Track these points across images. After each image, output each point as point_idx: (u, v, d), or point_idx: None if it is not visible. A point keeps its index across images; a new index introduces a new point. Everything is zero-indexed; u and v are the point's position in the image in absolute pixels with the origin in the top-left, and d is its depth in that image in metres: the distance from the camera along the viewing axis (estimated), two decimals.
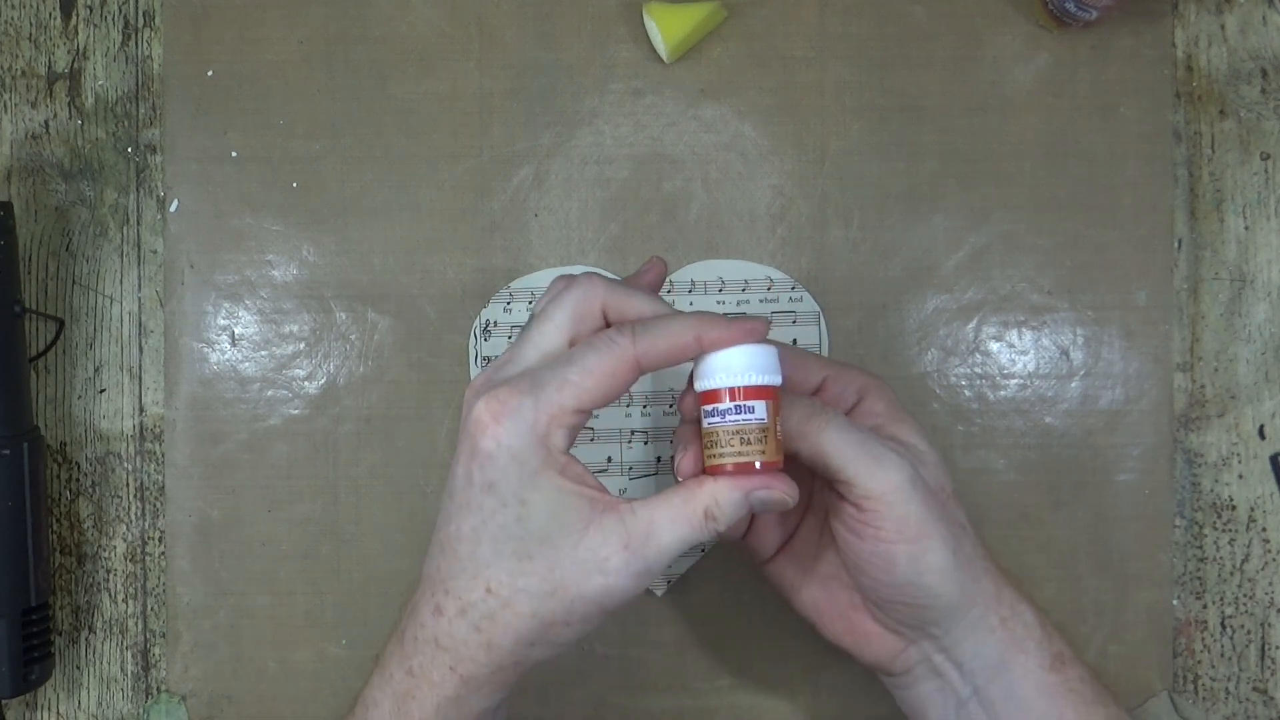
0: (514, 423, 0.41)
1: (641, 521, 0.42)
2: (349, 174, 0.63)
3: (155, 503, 0.63)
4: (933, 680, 0.49)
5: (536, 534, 0.41)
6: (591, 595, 0.41)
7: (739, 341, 0.42)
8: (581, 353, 0.42)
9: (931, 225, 0.62)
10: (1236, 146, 0.62)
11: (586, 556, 0.41)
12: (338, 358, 0.63)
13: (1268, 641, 0.62)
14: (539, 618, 0.42)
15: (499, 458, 0.41)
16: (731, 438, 0.42)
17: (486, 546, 0.42)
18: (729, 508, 0.42)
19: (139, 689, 0.63)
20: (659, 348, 0.42)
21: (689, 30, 0.61)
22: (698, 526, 0.42)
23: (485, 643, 0.42)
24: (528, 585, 0.41)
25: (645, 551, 0.41)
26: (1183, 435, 0.62)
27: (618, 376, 0.42)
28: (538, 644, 0.43)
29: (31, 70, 0.64)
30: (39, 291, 0.64)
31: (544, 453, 0.41)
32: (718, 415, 0.43)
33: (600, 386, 0.42)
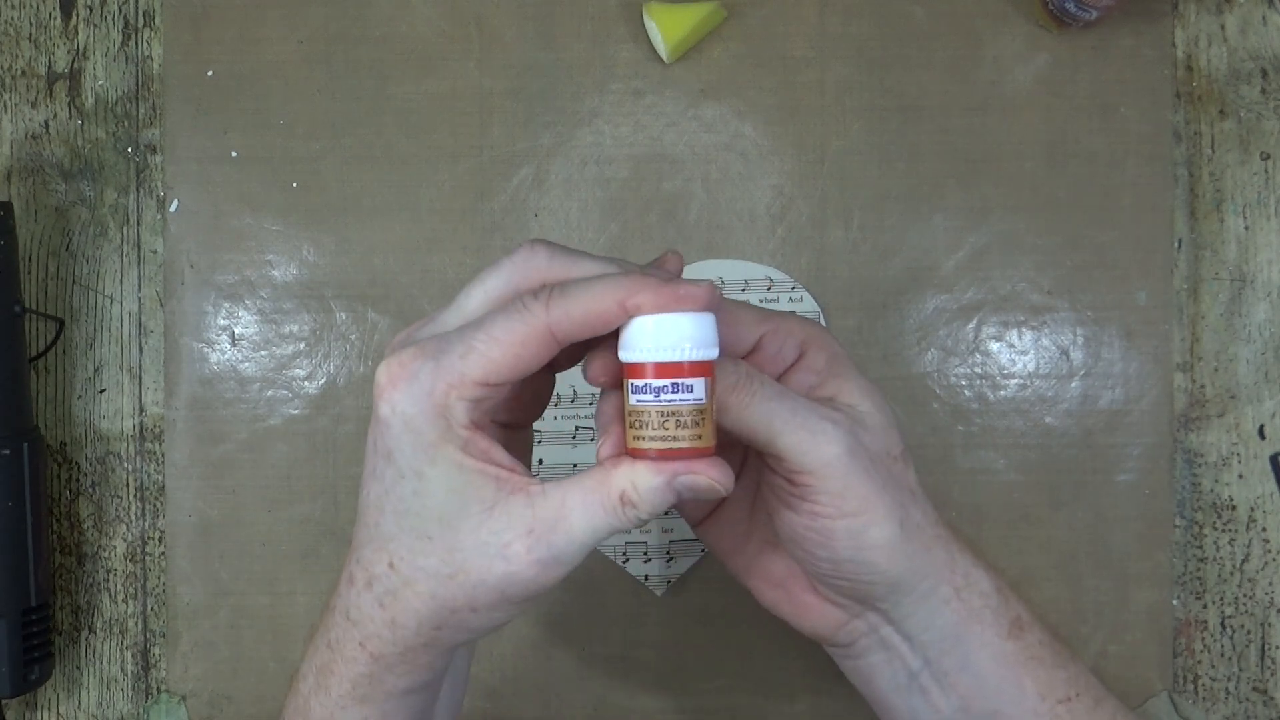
0: (410, 389, 0.37)
1: (551, 505, 0.38)
2: (349, 174, 0.63)
3: (155, 503, 0.63)
4: (880, 652, 0.45)
5: (434, 512, 0.38)
6: (493, 583, 0.38)
7: (672, 308, 0.37)
8: (491, 318, 0.38)
9: (931, 225, 0.62)
10: (1236, 146, 0.62)
11: (488, 540, 0.38)
12: (338, 358, 0.63)
13: (1268, 641, 0.62)
14: (439, 600, 0.38)
15: (394, 425, 0.38)
16: (664, 420, 0.37)
17: (390, 518, 0.39)
18: (649, 494, 0.37)
19: (139, 689, 0.63)
20: (574, 315, 0.37)
21: (689, 30, 0.61)
22: (613, 513, 0.37)
23: (390, 620, 0.39)
24: (426, 565, 0.38)
25: (552, 538, 0.37)
26: (1183, 435, 0.62)
27: (528, 346, 0.37)
28: (444, 628, 0.39)
29: (31, 70, 0.64)
30: (39, 291, 0.64)
31: (442, 424, 0.37)
32: (647, 392, 0.37)
33: (508, 356, 0.37)
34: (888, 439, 0.43)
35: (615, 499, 0.37)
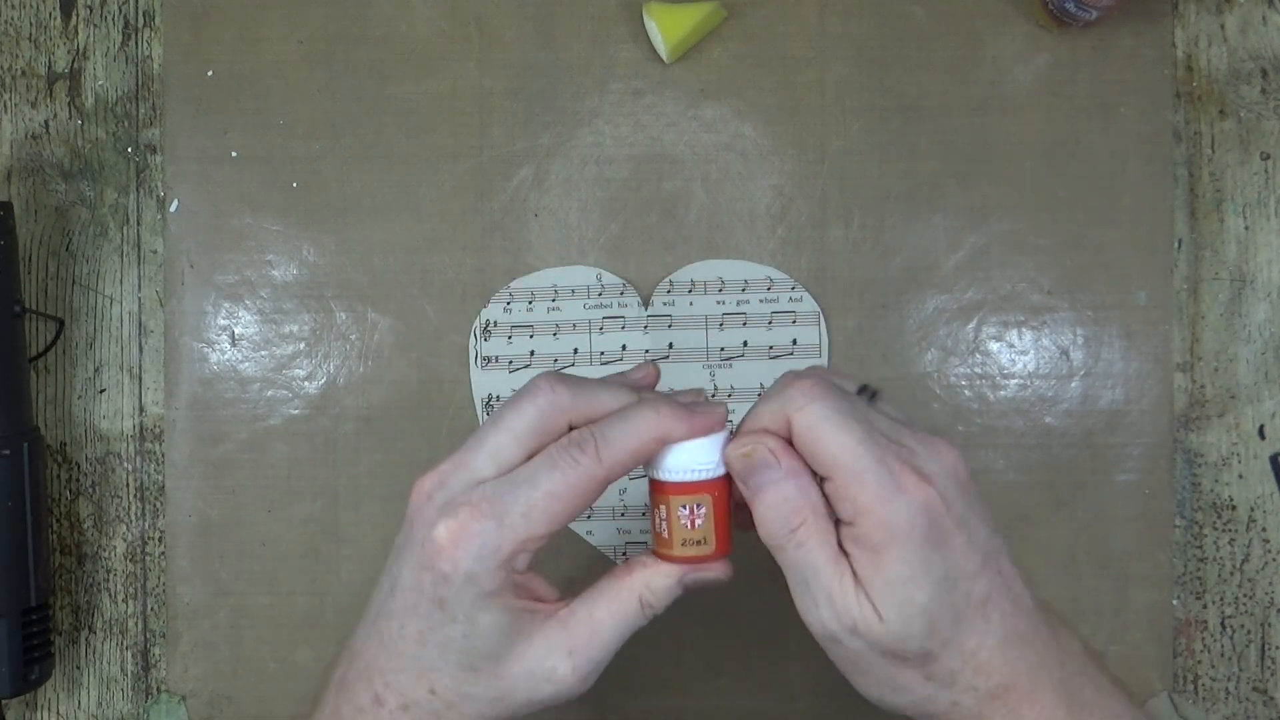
0: (475, 548, 0.40)
1: (582, 623, 0.42)
2: (349, 174, 0.63)
3: (155, 503, 0.63)
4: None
5: (483, 650, 0.41)
6: (540, 700, 0.42)
7: (699, 435, 0.42)
8: (546, 473, 0.40)
9: (931, 225, 0.62)
10: (1236, 146, 0.62)
11: (534, 668, 0.41)
12: (338, 358, 0.63)
13: (1268, 641, 0.62)
14: (484, 718, 0.42)
15: (455, 580, 0.40)
16: (678, 532, 0.42)
17: (433, 651, 0.41)
18: (663, 594, 0.43)
19: (139, 689, 0.63)
20: (624, 462, 0.41)
21: (689, 30, 0.61)
22: (635, 615, 0.43)
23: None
24: (473, 692, 0.41)
25: (591, 653, 0.42)
26: (1183, 435, 0.62)
27: (586, 495, 0.41)
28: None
29: (31, 70, 0.64)
30: (39, 291, 0.64)
31: (503, 576, 0.40)
32: (668, 507, 0.42)
33: (567, 509, 0.40)
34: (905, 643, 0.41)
35: (636, 603, 0.42)
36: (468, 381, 0.63)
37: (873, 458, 0.39)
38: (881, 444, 0.39)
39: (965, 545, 0.40)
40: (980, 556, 0.40)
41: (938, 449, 0.41)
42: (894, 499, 0.39)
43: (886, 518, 0.39)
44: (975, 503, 0.41)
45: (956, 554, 0.40)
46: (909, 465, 0.39)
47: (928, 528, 0.39)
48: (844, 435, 0.39)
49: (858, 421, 0.40)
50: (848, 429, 0.39)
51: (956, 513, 0.40)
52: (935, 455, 0.40)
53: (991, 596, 0.41)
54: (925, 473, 0.40)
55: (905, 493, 0.39)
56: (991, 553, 0.41)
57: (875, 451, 0.39)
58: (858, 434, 0.39)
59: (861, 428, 0.39)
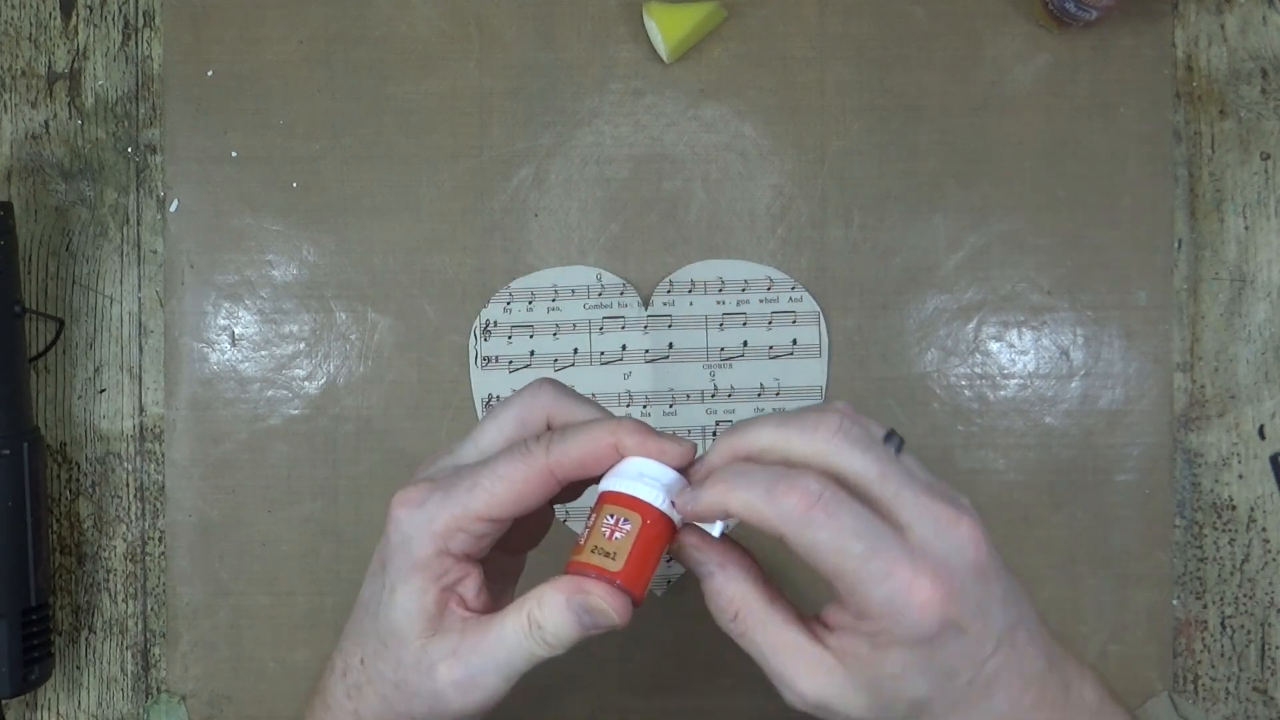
0: (416, 517, 0.40)
1: (480, 631, 0.40)
2: (349, 174, 0.63)
3: (155, 503, 0.63)
4: None
5: (391, 626, 0.41)
6: (424, 699, 0.41)
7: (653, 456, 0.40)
8: (497, 458, 0.40)
9: (931, 225, 0.62)
10: (1236, 146, 0.62)
11: (421, 659, 0.41)
12: (338, 358, 0.63)
13: (1268, 641, 0.62)
14: (388, 703, 0.42)
15: (393, 541, 0.41)
16: (593, 538, 0.40)
17: (368, 620, 0.42)
18: (550, 613, 0.39)
19: (139, 689, 0.63)
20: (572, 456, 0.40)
21: (689, 30, 0.61)
22: (525, 634, 0.40)
23: (354, 710, 0.42)
24: (383, 670, 0.41)
25: (471, 659, 0.40)
26: (1183, 435, 0.62)
27: (530, 484, 0.40)
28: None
29: (31, 70, 0.64)
30: (39, 291, 0.64)
31: (429, 552, 0.40)
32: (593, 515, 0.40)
33: (510, 493, 0.40)
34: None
35: (524, 620, 0.40)
36: (468, 381, 0.63)
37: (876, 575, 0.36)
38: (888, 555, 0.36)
39: (977, 637, 0.38)
40: (994, 640, 0.38)
41: (956, 527, 0.37)
42: (902, 610, 0.36)
43: (892, 627, 0.37)
44: (994, 580, 0.38)
45: (966, 648, 0.38)
46: (919, 566, 0.36)
47: (938, 629, 0.37)
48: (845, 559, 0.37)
49: (859, 539, 0.36)
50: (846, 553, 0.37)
51: (971, 605, 0.37)
52: (951, 535, 0.37)
53: (999, 676, 0.39)
54: (939, 569, 0.36)
55: (914, 602, 0.36)
56: (1008, 629, 0.38)
57: (880, 567, 0.36)
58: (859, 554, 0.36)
59: (864, 546, 0.36)
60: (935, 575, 0.36)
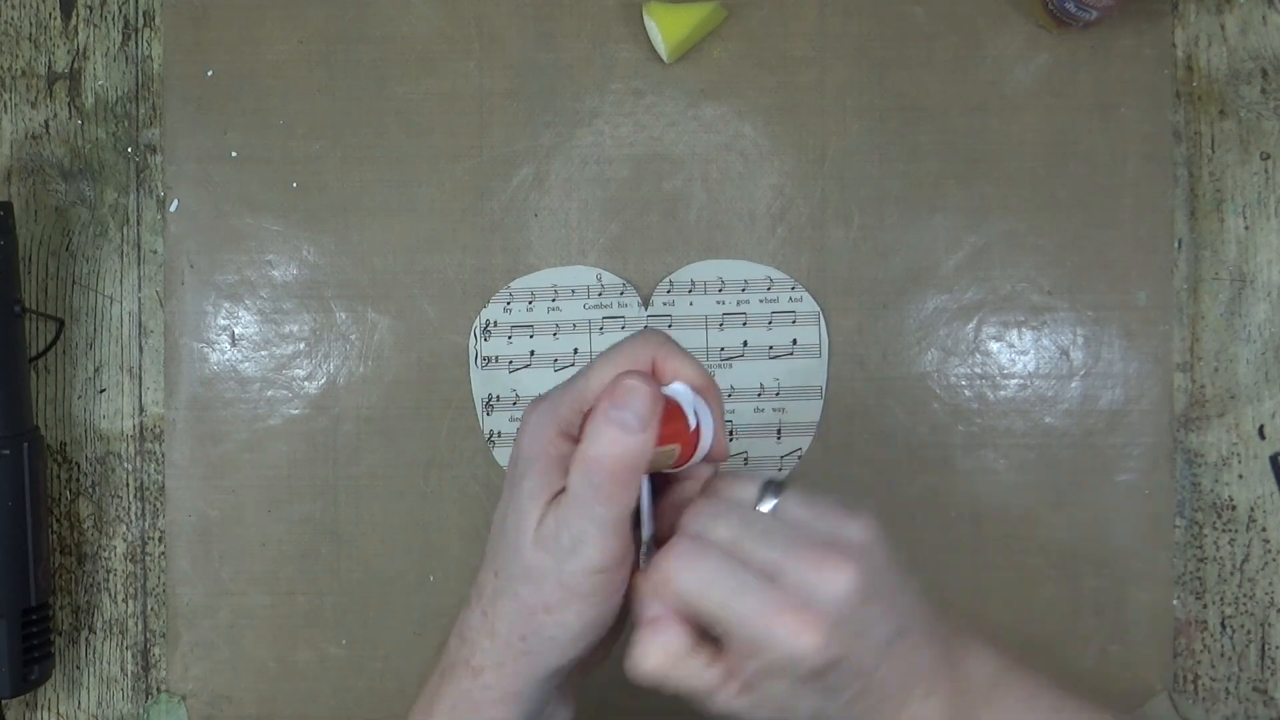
0: (541, 407, 0.43)
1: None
2: (349, 174, 0.63)
3: (155, 503, 0.63)
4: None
5: (516, 511, 0.42)
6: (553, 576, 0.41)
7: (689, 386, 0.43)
8: (611, 346, 0.44)
9: (931, 225, 0.62)
10: (1236, 146, 0.62)
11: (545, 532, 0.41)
12: (338, 358, 0.63)
13: (1268, 641, 0.62)
14: (521, 601, 0.42)
15: (524, 444, 0.43)
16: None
17: (499, 534, 0.43)
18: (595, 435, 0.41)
19: (139, 689, 0.63)
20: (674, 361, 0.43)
21: (689, 30, 0.61)
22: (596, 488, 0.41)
23: (490, 629, 0.43)
24: (516, 570, 0.42)
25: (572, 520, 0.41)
26: (1183, 435, 0.62)
27: (635, 364, 0.43)
28: (529, 637, 0.42)
29: (31, 70, 0.64)
30: (39, 291, 0.64)
31: (552, 432, 0.42)
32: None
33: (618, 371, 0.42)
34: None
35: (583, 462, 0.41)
36: (468, 381, 0.63)
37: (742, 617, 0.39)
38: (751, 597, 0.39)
39: (858, 658, 0.40)
40: (877, 654, 0.40)
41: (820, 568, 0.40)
42: (774, 649, 0.39)
43: (771, 663, 0.39)
44: (873, 601, 0.40)
45: (849, 670, 0.40)
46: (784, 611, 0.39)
47: (814, 664, 0.39)
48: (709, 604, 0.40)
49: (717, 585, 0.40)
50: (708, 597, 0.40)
51: (847, 636, 0.39)
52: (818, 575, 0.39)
53: (887, 679, 0.41)
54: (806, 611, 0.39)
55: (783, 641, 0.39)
56: (892, 638, 0.41)
57: (745, 608, 0.39)
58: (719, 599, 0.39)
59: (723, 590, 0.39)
60: (802, 617, 0.39)
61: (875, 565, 0.40)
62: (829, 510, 0.42)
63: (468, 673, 0.44)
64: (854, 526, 0.41)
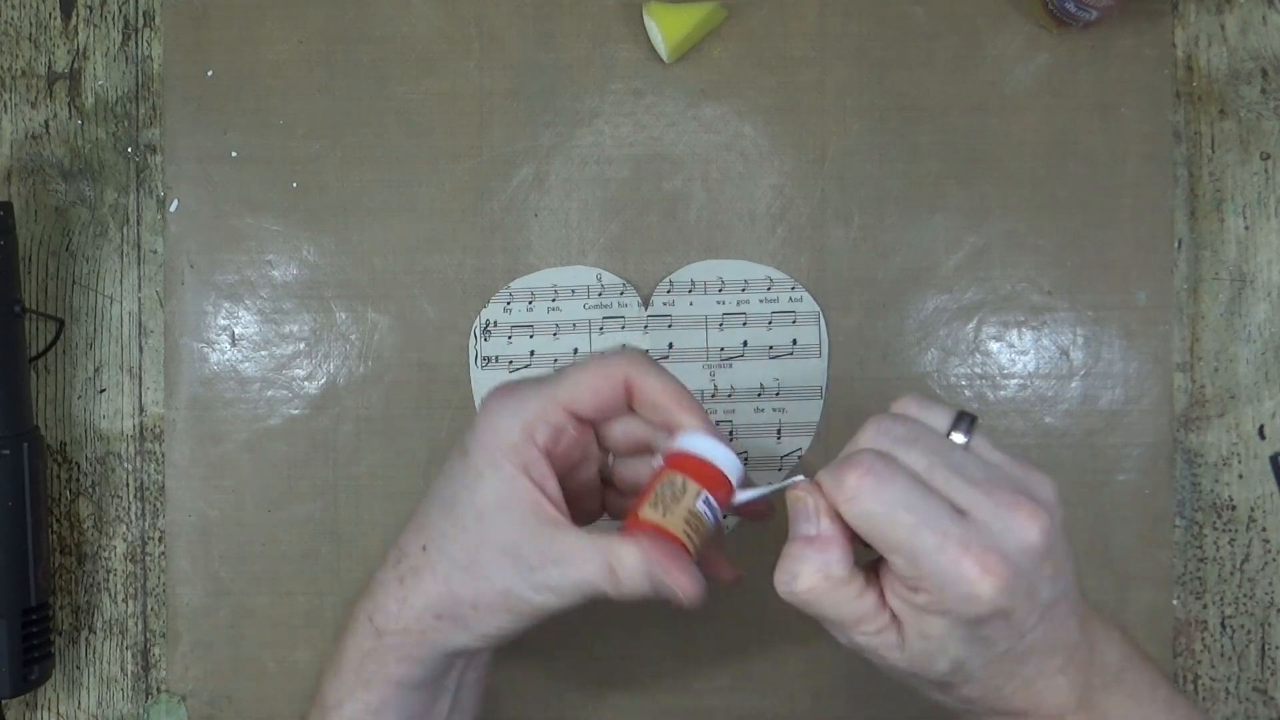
0: (508, 403, 0.43)
1: (566, 546, 0.42)
2: (349, 174, 0.63)
3: (155, 503, 0.63)
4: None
5: (477, 508, 0.43)
6: (497, 585, 0.42)
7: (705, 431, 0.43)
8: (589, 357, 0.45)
9: (931, 225, 0.62)
10: (1236, 146, 0.62)
11: (506, 548, 0.42)
12: (338, 358, 0.63)
13: (1268, 641, 0.62)
14: (449, 587, 0.43)
15: (482, 429, 0.43)
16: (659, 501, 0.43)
17: (437, 508, 0.44)
18: (631, 573, 0.42)
19: (139, 689, 0.63)
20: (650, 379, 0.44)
21: (689, 30, 0.61)
22: (602, 577, 0.42)
23: (403, 597, 0.44)
24: (452, 552, 0.43)
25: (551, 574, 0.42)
26: (1183, 435, 0.62)
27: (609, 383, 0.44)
28: (444, 618, 0.43)
29: (31, 70, 0.64)
30: (39, 291, 0.64)
31: (520, 438, 0.43)
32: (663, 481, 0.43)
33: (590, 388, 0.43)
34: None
35: (606, 567, 0.42)
36: (468, 381, 0.63)
37: (928, 549, 0.37)
38: (940, 530, 0.37)
39: (1022, 616, 0.39)
40: (1037, 616, 0.39)
41: (1013, 513, 0.38)
42: (948, 587, 0.37)
43: (939, 601, 0.38)
44: (1048, 559, 0.39)
45: (1010, 626, 0.39)
46: (971, 550, 0.37)
47: (987, 614, 0.38)
48: (895, 530, 0.38)
49: (908, 511, 0.38)
50: (896, 523, 0.38)
51: (1021, 590, 0.38)
52: (1007, 521, 0.38)
53: (1036, 646, 0.40)
54: (991, 554, 0.37)
55: (963, 582, 0.37)
56: (1051, 603, 0.40)
57: (931, 541, 0.37)
58: (908, 525, 0.37)
59: (914, 518, 0.37)
60: (987, 560, 0.37)
61: (1057, 523, 0.39)
62: (1018, 458, 0.40)
63: (371, 630, 0.44)
64: (1042, 481, 0.40)
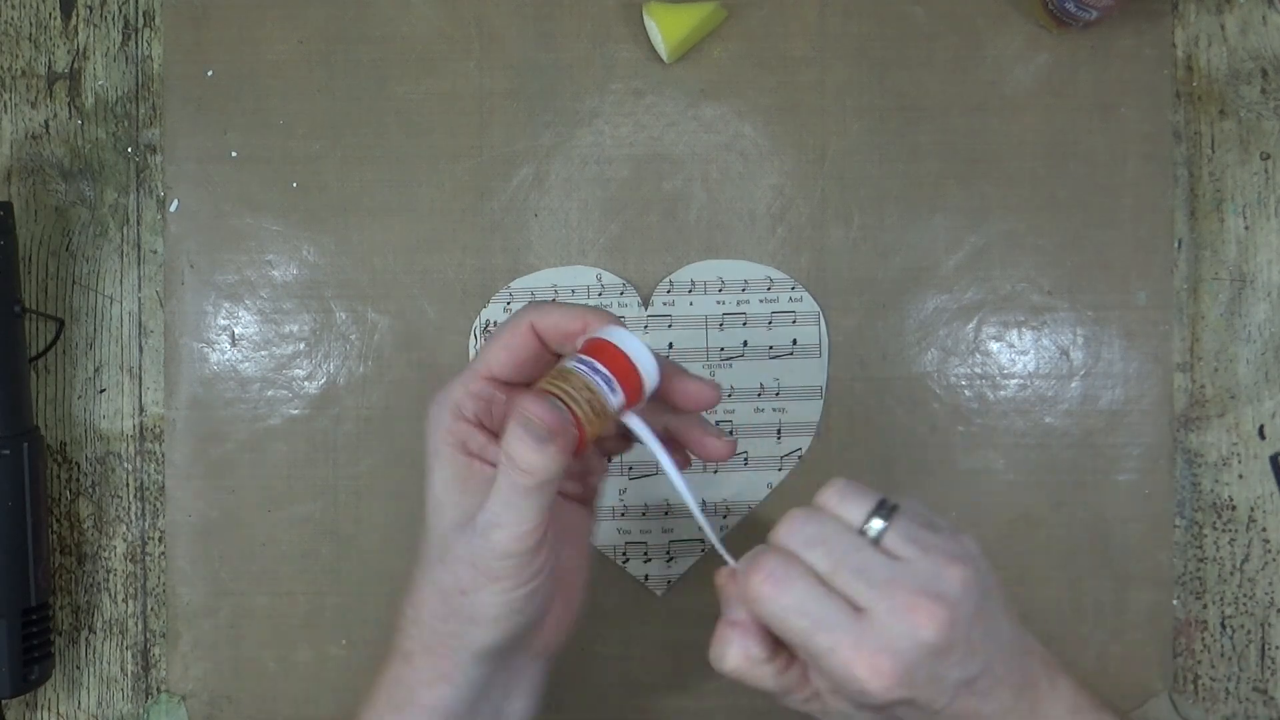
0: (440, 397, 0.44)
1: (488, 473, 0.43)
2: (349, 174, 0.63)
3: (155, 503, 0.63)
4: None
5: (432, 501, 0.43)
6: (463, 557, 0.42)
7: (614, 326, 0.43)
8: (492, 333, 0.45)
9: (931, 225, 0.62)
10: (1236, 146, 0.62)
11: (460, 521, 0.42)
12: (338, 358, 0.63)
13: (1268, 641, 0.62)
14: (435, 585, 0.43)
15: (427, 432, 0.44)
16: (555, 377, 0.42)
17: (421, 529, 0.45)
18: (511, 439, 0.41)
19: (139, 689, 0.63)
20: (552, 315, 0.44)
21: (689, 30, 0.61)
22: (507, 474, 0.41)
23: (416, 617, 0.44)
24: (428, 554, 0.44)
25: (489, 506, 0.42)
26: (1183, 435, 0.62)
27: (518, 338, 0.44)
28: (448, 619, 0.43)
29: (31, 70, 0.64)
30: (39, 291, 0.64)
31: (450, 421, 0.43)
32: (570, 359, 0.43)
33: (503, 351, 0.44)
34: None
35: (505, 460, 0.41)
36: None
37: (822, 650, 0.40)
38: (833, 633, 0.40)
39: (928, 699, 0.40)
40: (948, 696, 0.41)
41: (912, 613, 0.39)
42: (843, 684, 0.40)
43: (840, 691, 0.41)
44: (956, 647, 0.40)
45: (916, 708, 0.41)
46: (863, 652, 0.39)
47: (878, 703, 0.40)
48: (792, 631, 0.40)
49: (803, 616, 0.40)
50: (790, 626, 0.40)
51: (920, 680, 0.40)
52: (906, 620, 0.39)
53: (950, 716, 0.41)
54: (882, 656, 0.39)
55: (857, 679, 0.39)
56: (968, 682, 0.41)
57: (825, 643, 0.40)
58: (803, 629, 0.40)
59: (807, 622, 0.40)
60: (876, 660, 0.39)
61: (966, 614, 0.40)
62: (932, 548, 0.41)
63: (400, 658, 0.45)
64: (954, 572, 0.40)
